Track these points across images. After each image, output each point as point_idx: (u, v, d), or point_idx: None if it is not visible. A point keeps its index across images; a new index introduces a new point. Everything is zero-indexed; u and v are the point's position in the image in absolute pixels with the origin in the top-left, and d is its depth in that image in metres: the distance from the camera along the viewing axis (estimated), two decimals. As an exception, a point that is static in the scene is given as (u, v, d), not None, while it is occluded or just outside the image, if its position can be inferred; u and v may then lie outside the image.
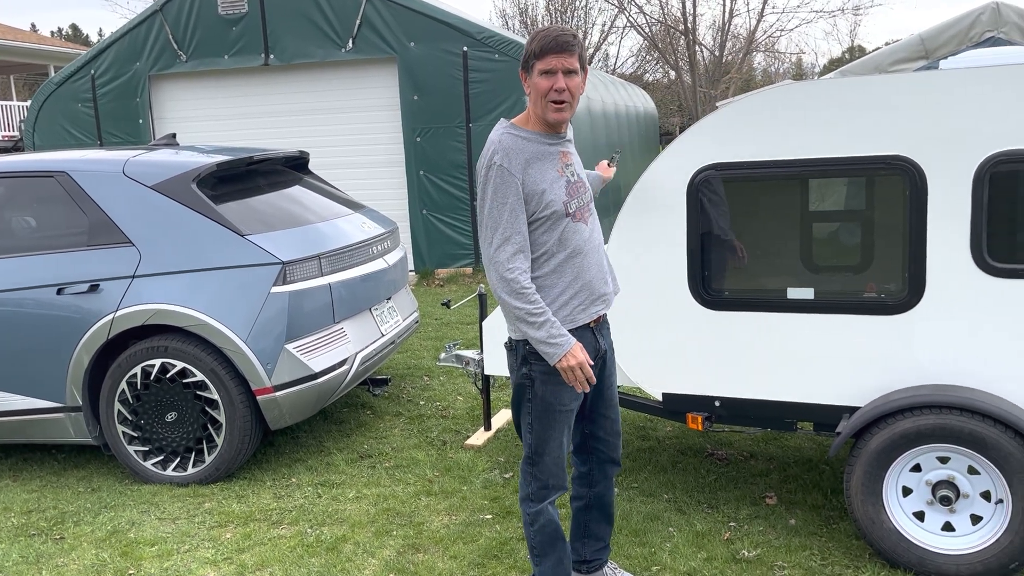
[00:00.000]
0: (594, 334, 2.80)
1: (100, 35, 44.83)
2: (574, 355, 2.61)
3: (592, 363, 2.76)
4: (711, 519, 3.69)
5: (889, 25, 60.52)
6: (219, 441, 4.31)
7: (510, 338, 2.77)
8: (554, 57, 2.56)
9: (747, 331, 3.43)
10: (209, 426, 4.33)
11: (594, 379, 2.66)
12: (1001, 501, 3.02)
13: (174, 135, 5.40)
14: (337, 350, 4.50)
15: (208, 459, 4.35)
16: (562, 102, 2.60)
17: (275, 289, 4.25)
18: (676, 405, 3.63)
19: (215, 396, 4.27)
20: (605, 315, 2.89)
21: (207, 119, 10.75)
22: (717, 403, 3.55)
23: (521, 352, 2.75)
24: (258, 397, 4.25)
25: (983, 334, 3.08)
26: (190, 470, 4.37)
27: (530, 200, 2.61)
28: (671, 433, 4.75)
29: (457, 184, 9.87)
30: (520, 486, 2.87)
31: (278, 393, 4.24)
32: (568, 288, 2.70)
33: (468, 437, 4.83)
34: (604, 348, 2.87)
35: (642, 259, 3.55)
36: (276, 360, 4.22)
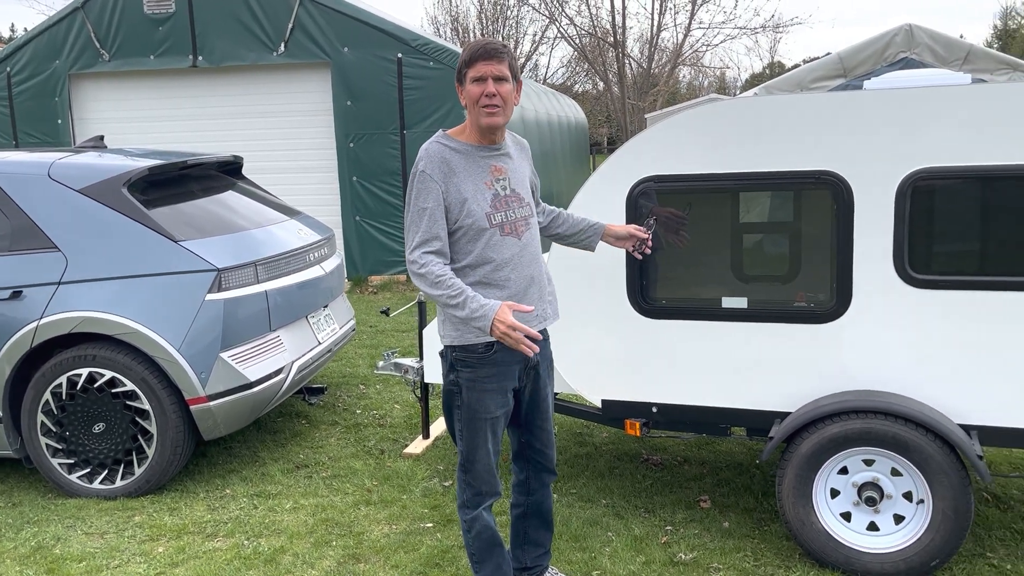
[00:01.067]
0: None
1: (13, 31, 42.98)
2: (501, 320, 2.57)
3: (526, 372, 2.83)
4: (648, 523, 3.77)
5: (807, 43, 62.78)
6: (150, 452, 4.20)
7: (444, 346, 2.82)
8: (484, 64, 2.63)
9: (684, 339, 3.52)
10: (139, 437, 4.21)
11: (536, 335, 2.59)
12: (922, 501, 3.18)
13: (101, 137, 5.24)
14: (273, 359, 4.43)
15: (138, 471, 4.23)
16: (494, 107, 2.65)
17: (210, 296, 4.16)
18: (614, 411, 3.70)
19: (146, 406, 4.16)
20: (543, 328, 2.91)
21: (132, 121, 10.44)
22: (655, 409, 3.63)
23: (449, 359, 2.80)
24: (191, 407, 4.15)
25: (905, 342, 3.24)
26: (118, 483, 4.24)
27: (451, 208, 2.67)
28: (608, 439, 4.83)
29: (391, 191, 9.82)
30: (456, 493, 2.91)
31: (212, 403, 4.16)
32: (491, 299, 2.69)
33: (406, 446, 4.82)
34: (536, 360, 2.88)
35: (582, 268, 3.61)
36: (210, 369, 4.14)
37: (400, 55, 9.56)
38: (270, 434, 5.09)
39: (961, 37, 9.42)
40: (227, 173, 5.35)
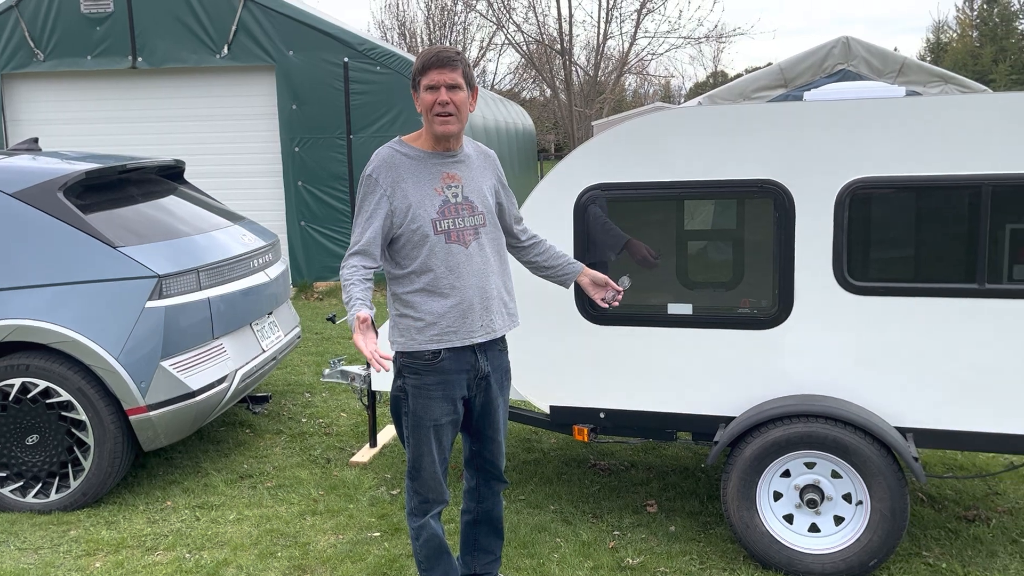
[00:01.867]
0: (476, 355, 2.81)
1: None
2: (356, 324, 2.49)
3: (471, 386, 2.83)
4: (596, 528, 3.79)
5: (750, 53, 64.14)
6: (86, 465, 4.08)
7: (393, 352, 2.81)
8: (436, 72, 2.64)
9: (630, 345, 3.56)
10: (75, 449, 4.09)
11: (383, 364, 2.43)
12: (861, 502, 3.26)
13: (36, 139, 5.08)
14: (216, 367, 4.35)
15: (74, 484, 4.10)
16: (447, 115, 2.66)
17: (150, 304, 4.06)
18: (563, 417, 3.71)
19: (82, 417, 4.04)
20: (496, 339, 2.88)
21: (69, 123, 10.14)
22: (602, 415, 3.66)
23: (397, 365, 2.80)
24: (131, 417, 4.04)
25: (844, 347, 3.32)
26: (53, 496, 4.11)
27: (397, 213, 2.69)
28: (555, 445, 4.85)
29: (337, 196, 9.72)
30: (405, 501, 2.88)
31: (152, 412, 4.05)
32: (436, 308, 2.71)
33: (353, 454, 4.77)
34: (488, 371, 2.85)
35: (531, 276, 3.62)
36: (151, 378, 4.04)
37: (347, 59, 9.49)
38: (213, 444, 4.99)
39: (895, 50, 9.73)
40: (168, 177, 5.24)
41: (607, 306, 3.16)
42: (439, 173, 2.74)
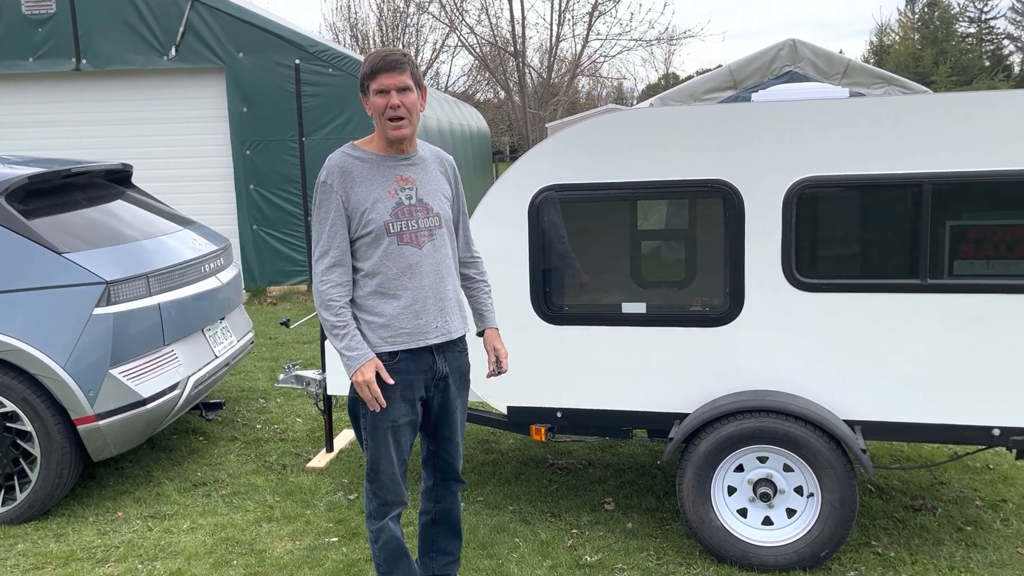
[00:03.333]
0: (433, 356, 2.81)
1: None
2: (363, 372, 2.65)
3: (423, 392, 2.81)
4: (554, 527, 3.81)
5: (700, 55, 64.98)
6: (33, 476, 3.97)
7: None
8: (385, 76, 2.64)
9: (586, 344, 3.59)
10: (21, 460, 3.98)
11: (383, 403, 2.68)
12: (812, 495, 3.33)
13: (-25, 144, 4.93)
14: (167, 374, 4.27)
15: (20, 496, 3.99)
16: (399, 119, 2.67)
17: (98, 310, 3.98)
18: (520, 418, 3.73)
19: (28, 428, 3.94)
20: (454, 340, 2.88)
21: (11, 126, 9.86)
22: (559, 414, 3.68)
23: None
24: (79, 427, 3.95)
25: (794, 343, 3.39)
26: (-1, 510, 4.00)
27: (352, 217, 2.69)
28: (513, 445, 4.86)
29: (290, 199, 9.62)
30: (364, 504, 2.87)
31: (102, 422, 3.97)
32: (389, 310, 2.71)
33: (309, 460, 4.72)
34: (446, 372, 2.84)
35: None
36: (99, 386, 3.95)
37: (298, 61, 9.36)
38: (165, 452, 4.90)
39: (840, 52, 9.95)
40: (115, 182, 5.13)
41: (494, 374, 3.03)
42: (392, 176, 2.74)
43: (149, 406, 4.09)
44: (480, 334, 3.06)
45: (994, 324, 3.19)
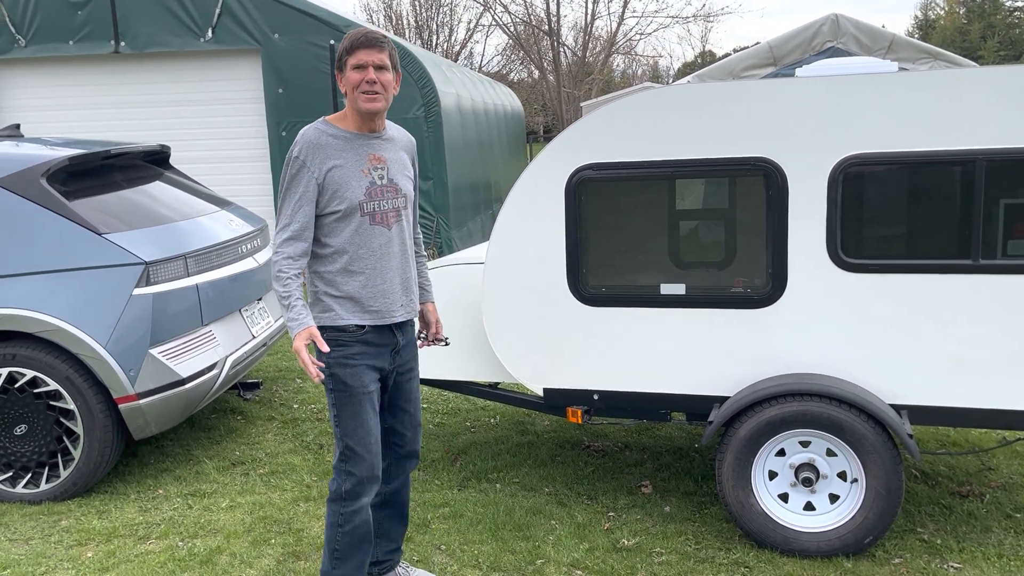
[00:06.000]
0: (394, 331, 2.86)
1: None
2: (298, 339, 2.65)
3: (386, 366, 2.86)
4: (591, 510, 3.79)
5: (738, 32, 63.91)
6: (76, 454, 4.04)
7: (317, 326, 2.79)
8: (364, 52, 2.68)
9: (623, 326, 3.53)
10: (65, 438, 4.05)
11: (319, 376, 2.64)
12: (856, 480, 3.26)
13: (17, 126, 4.99)
14: (206, 354, 4.30)
15: (64, 474, 4.06)
16: (374, 92, 2.69)
17: (137, 291, 4.01)
18: (556, 400, 3.69)
19: (71, 406, 4.00)
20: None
21: (52, 109, 10.00)
22: (596, 396, 3.64)
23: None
24: (120, 406, 4.00)
25: (838, 325, 3.31)
26: (43, 486, 4.07)
27: (324, 193, 2.71)
28: (549, 427, 4.83)
29: (325, 181, 9.64)
30: (332, 484, 2.81)
31: (142, 401, 4.01)
32: (358, 287, 2.75)
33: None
34: (402, 344, 2.90)
35: (522, 257, 3.59)
36: (140, 366, 4.00)
37: (332, 42, 9.37)
38: (204, 431, 4.95)
39: (884, 27, 9.68)
40: (153, 163, 5.16)
41: (421, 342, 3.14)
42: (366, 154, 2.77)
43: (188, 386, 4.13)
44: (421, 307, 3.14)
45: (1049, 306, 3.08)
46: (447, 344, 3.25)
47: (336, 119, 2.78)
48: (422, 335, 3.17)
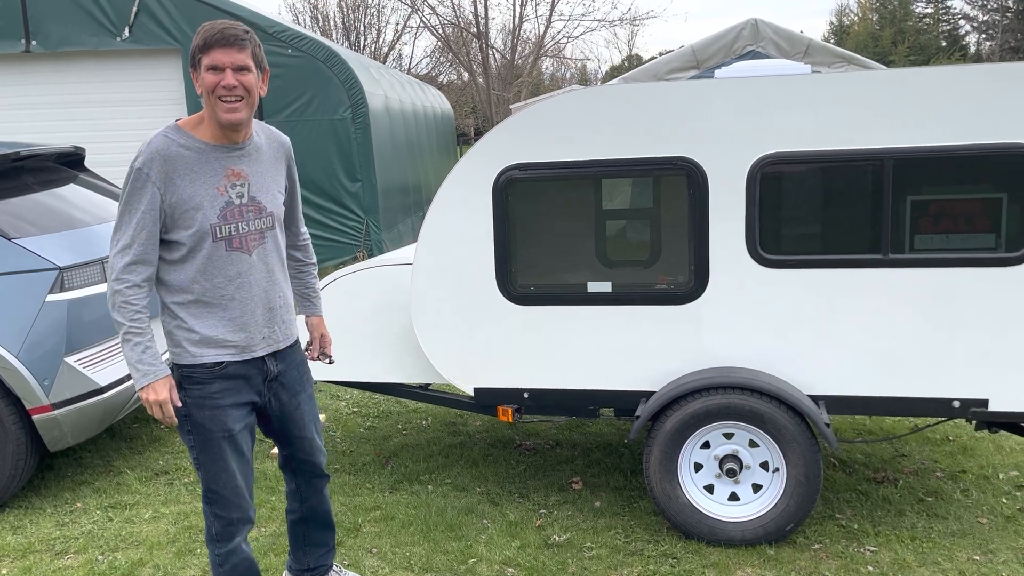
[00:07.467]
0: (263, 359, 2.59)
1: None
2: (155, 390, 2.37)
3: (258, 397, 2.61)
4: (523, 508, 3.81)
5: (663, 36, 65.21)
6: (-13, 468, 3.87)
7: (170, 363, 2.53)
8: (220, 52, 2.34)
9: (552, 324, 3.57)
10: (-26, 453, 3.87)
11: (174, 420, 2.44)
12: (777, 470, 3.36)
13: (-81, 127, 4.76)
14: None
15: (-26, 489, 3.89)
16: (234, 100, 2.37)
17: (51, 297, 3.87)
18: (487, 399, 3.70)
19: (-19, 419, 3.83)
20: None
21: (-43, 110, 9.59)
22: (526, 395, 3.66)
23: (176, 376, 2.51)
24: (34, 417, 3.85)
25: (758, 319, 3.40)
26: (-48, 503, 3.89)
27: (170, 214, 2.39)
28: (481, 427, 4.84)
29: (251, 183, 9.45)
30: (205, 529, 2.65)
31: (58, 411, 3.87)
32: (213, 322, 2.47)
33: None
34: (278, 371, 2.64)
35: (450, 258, 3.59)
36: (54, 375, 3.85)
37: (256, 42, 9.19)
38: (125, 441, 4.80)
39: (801, 32, 10.01)
40: (67, 165, 4.99)
41: (314, 357, 2.97)
42: (222, 169, 2.44)
43: (107, 395, 4.00)
44: (306, 320, 2.95)
45: (953, 298, 3.23)
46: (331, 363, 3.03)
47: (190, 124, 2.44)
48: (309, 347, 2.96)
